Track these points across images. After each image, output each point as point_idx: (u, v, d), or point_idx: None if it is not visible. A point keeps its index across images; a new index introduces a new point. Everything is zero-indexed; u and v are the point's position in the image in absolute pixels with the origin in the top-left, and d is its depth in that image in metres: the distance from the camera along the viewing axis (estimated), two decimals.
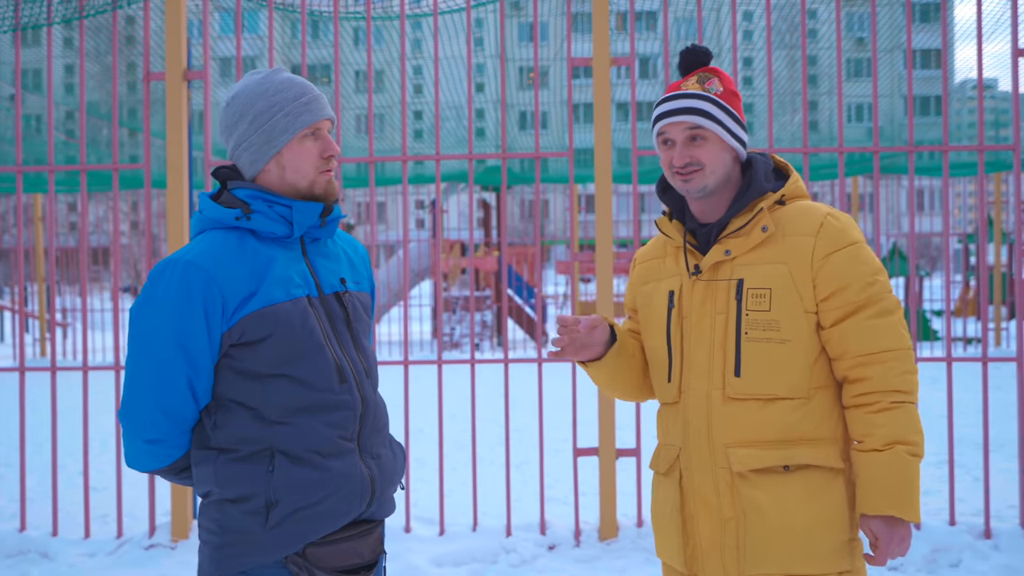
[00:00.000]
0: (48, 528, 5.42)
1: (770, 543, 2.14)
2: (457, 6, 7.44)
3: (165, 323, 2.00)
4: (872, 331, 2.15)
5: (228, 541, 2.03)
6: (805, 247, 2.17)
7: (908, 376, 2.15)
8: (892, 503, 2.10)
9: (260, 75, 2.14)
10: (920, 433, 2.14)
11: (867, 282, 2.16)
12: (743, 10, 13.73)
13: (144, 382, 2.03)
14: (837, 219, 2.20)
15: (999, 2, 8.42)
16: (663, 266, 2.36)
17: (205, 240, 2.07)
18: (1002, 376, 10.42)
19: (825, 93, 17.40)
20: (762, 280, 2.18)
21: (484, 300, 16.88)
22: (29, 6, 5.66)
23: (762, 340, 2.16)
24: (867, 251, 2.20)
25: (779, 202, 2.25)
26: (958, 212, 38.63)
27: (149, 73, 5.25)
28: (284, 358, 2.03)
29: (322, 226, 2.13)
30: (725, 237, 2.23)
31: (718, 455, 2.18)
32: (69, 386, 7.04)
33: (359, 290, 2.22)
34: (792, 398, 2.16)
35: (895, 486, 2.10)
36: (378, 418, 2.16)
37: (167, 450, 2.08)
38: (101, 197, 22.68)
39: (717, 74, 2.28)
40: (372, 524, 2.13)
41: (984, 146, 5.06)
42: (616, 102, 14.84)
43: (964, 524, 5.13)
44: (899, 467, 2.10)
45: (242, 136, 2.10)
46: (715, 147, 2.22)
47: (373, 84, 6.90)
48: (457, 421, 8.77)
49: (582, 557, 4.91)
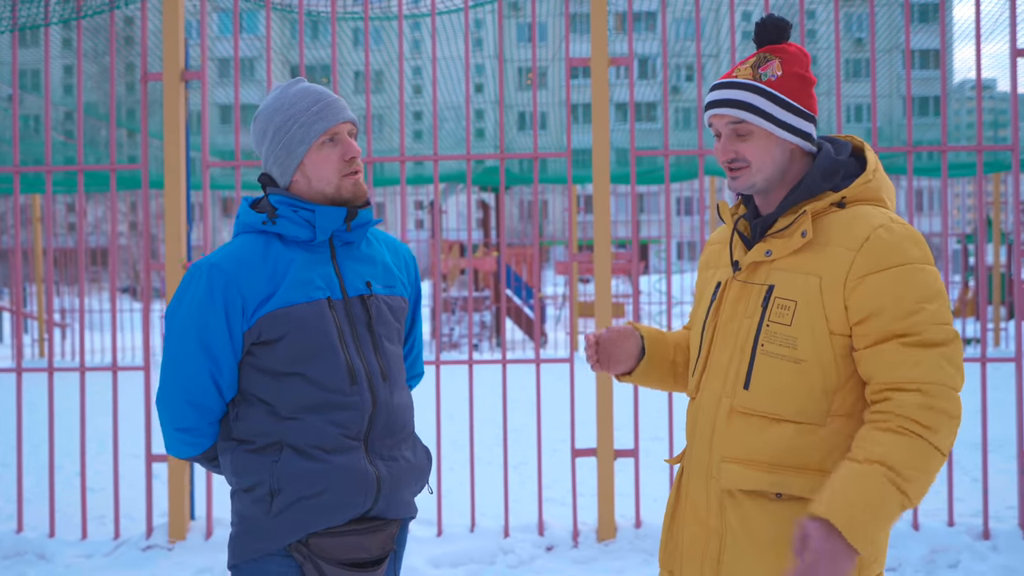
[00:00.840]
0: (45, 529, 5.41)
1: (747, 567, 1.98)
2: (455, 7, 7.44)
3: (190, 323, 2.14)
4: (905, 360, 1.86)
5: (242, 529, 2.17)
6: (843, 262, 1.92)
7: (935, 413, 1.83)
8: (837, 512, 1.79)
9: (278, 89, 2.24)
10: (922, 473, 1.83)
11: (909, 310, 1.87)
12: (742, 10, 13.73)
13: (173, 376, 2.17)
14: (890, 232, 1.92)
15: (998, 2, 8.42)
16: (723, 252, 2.18)
17: (234, 244, 2.21)
18: (1001, 376, 10.42)
19: (823, 94, 17.41)
20: (791, 290, 1.96)
21: (483, 301, 16.87)
22: (27, 6, 5.65)
23: (776, 356, 1.96)
24: (921, 274, 1.90)
25: (839, 204, 2.00)
26: (957, 212, 38.64)
27: (147, 73, 5.24)
28: (298, 357, 2.13)
29: (348, 230, 2.20)
30: (771, 236, 2.03)
31: (714, 465, 2.05)
32: (67, 387, 7.03)
33: (390, 293, 2.28)
34: (800, 422, 1.95)
35: (853, 500, 1.80)
36: (393, 420, 2.22)
37: (197, 439, 2.21)
38: (100, 198, 22.68)
39: (781, 55, 2.04)
40: (381, 522, 2.19)
41: (983, 147, 5.05)
42: (615, 102, 14.84)
43: (963, 525, 5.12)
44: (869, 486, 1.81)
45: (268, 152, 2.21)
46: (762, 142, 2.00)
47: (373, 84, 6.86)
48: (455, 422, 8.76)
49: (580, 558, 4.91)
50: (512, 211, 38.25)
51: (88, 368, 5.25)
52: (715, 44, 21.53)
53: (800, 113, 2.01)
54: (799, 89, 2.02)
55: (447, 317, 16.50)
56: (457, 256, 18.59)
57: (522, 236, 37.16)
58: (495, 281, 16.93)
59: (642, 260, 21.58)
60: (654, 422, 7.52)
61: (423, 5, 10.04)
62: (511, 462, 7.26)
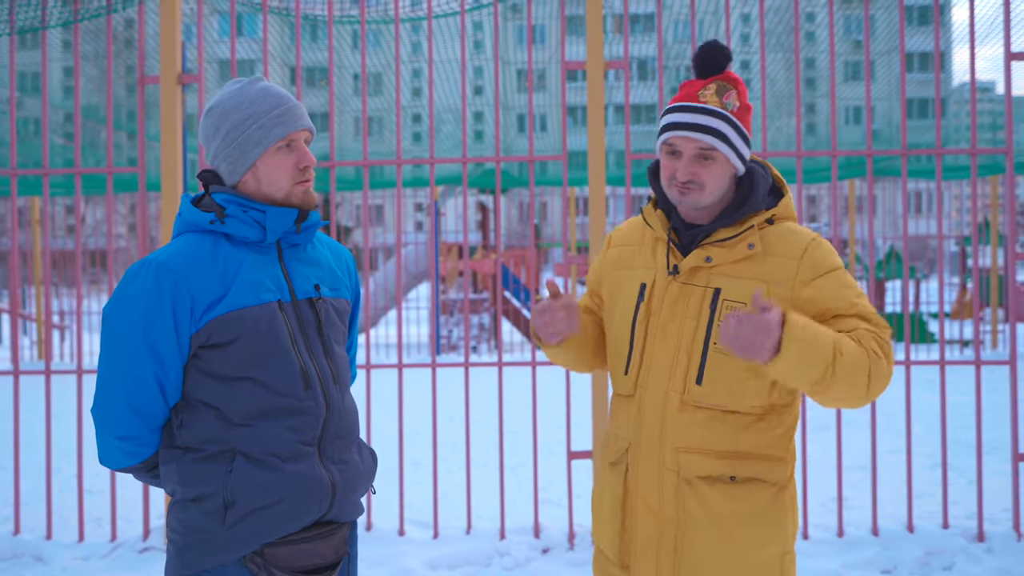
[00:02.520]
0: (42, 531, 5.42)
1: (708, 550, 2.16)
2: (453, 10, 7.45)
3: (135, 322, 2.03)
4: (858, 326, 2.15)
5: (190, 541, 2.07)
6: (788, 269, 2.17)
7: (882, 355, 2.11)
8: (794, 318, 2.01)
9: (237, 85, 2.15)
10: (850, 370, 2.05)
11: (851, 302, 2.17)
12: (740, 13, 13.75)
13: (114, 379, 2.06)
14: (821, 246, 2.21)
15: (995, 5, 8.42)
16: (639, 255, 2.33)
17: (179, 242, 2.11)
18: (996, 379, 10.43)
19: (823, 96, 17.41)
20: (739, 294, 2.17)
21: (481, 303, 16.88)
22: (25, 9, 5.67)
23: (728, 353, 2.11)
24: (848, 276, 2.22)
25: (768, 220, 2.24)
26: (956, 215, 38.64)
27: (144, 76, 5.26)
28: (249, 361, 2.05)
29: (298, 232, 2.15)
30: (709, 244, 2.20)
31: (667, 457, 2.19)
32: (65, 389, 7.04)
33: (336, 296, 2.23)
34: (748, 413, 2.18)
35: (811, 328, 2.02)
36: (344, 424, 2.17)
37: (138, 447, 2.10)
38: (99, 200, 22.69)
39: (736, 85, 2.21)
40: (334, 526, 2.15)
41: (977, 149, 5.07)
42: (613, 105, 14.84)
43: (957, 527, 5.13)
44: (821, 332, 2.03)
45: (219, 148, 2.12)
46: (722, 169, 2.19)
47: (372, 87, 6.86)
48: (452, 424, 8.78)
49: (576, 560, 4.92)
50: (511, 213, 38.27)
51: (86, 371, 5.26)
52: None
53: (746, 141, 2.23)
54: (745, 119, 2.22)
55: (446, 319, 16.51)
56: (455, 258, 18.60)
57: (520, 238, 37.17)
58: (493, 283, 16.94)
59: None
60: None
61: (421, 8, 10.06)
62: (507, 464, 7.27)
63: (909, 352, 5.11)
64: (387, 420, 7.93)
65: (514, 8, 15.20)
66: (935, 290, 25.38)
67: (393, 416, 7.97)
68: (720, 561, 2.16)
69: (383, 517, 5.65)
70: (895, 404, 9.48)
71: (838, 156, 5.44)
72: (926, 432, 8.29)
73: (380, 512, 5.80)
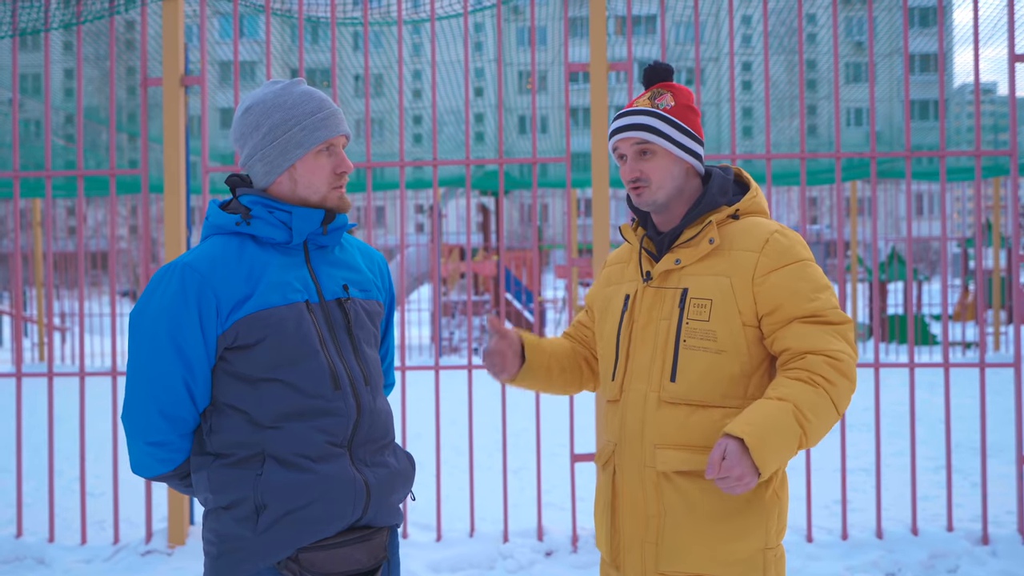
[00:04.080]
0: (44, 534, 5.41)
1: (686, 543, 2.21)
2: (455, 11, 7.44)
3: (161, 326, 2.01)
4: (811, 334, 2.17)
5: (224, 550, 2.04)
6: (748, 262, 2.22)
7: (837, 373, 2.14)
8: (753, 434, 2.04)
9: (279, 85, 2.14)
10: (820, 419, 2.11)
11: (808, 298, 2.20)
12: (742, 14, 13.74)
13: (142, 384, 2.04)
14: (785, 236, 2.25)
15: (998, 6, 8.41)
16: (625, 271, 2.45)
17: (206, 245, 2.10)
18: (1001, 381, 10.42)
19: (825, 97, 17.40)
20: (704, 291, 2.24)
21: (483, 304, 16.87)
22: (27, 11, 5.66)
23: (699, 348, 2.22)
24: (812, 269, 2.24)
25: (734, 216, 2.31)
26: (958, 216, 38.62)
27: (146, 78, 5.25)
28: (277, 362, 2.03)
29: (324, 234, 2.13)
30: (677, 247, 2.30)
31: (647, 454, 2.25)
32: (67, 391, 7.03)
33: (366, 297, 2.20)
34: (724, 407, 2.22)
35: (766, 426, 2.06)
36: (375, 426, 2.14)
37: (169, 453, 2.08)
38: (101, 201, 22.69)
39: (670, 89, 2.34)
40: (371, 530, 2.11)
41: (981, 151, 5.06)
42: (615, 106, 14.84)
43: (962, 530, 5.12)
44: (780, 418, 2.07)
45: (257, 146, 2.10)
46: (663, 161, 2.29)
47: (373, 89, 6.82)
48: (455, 426, 8.76)
49: (579, 563, 4.90)
50: (512, 215, 38.26)
51: (88, 373, 5.25)
52: (715, 48, 21.53)
53: (692, 137, 2.31)
54: (688, 117, 2.32)
55: (447, 321, 16.50)
56: (457, 260, 18.59)
57: (522, 240, 37.16)
58: (495, 285, 16.93)
59: None
60: None
61: (423, 10, 10.05)
62: (510, 467, 7.26)
63: (913, 355, 5.10)
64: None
65: (516, 10, 15.20)
66: (937, 292, 25.36)
67: (396, 419, 7.96)
68: (699, 552, 2.19)
69: None
70: (899, 406, 9.47)
71: (841, 158, 5.43)
72: (929, 434, 8.27)
73: None
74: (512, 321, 17.43)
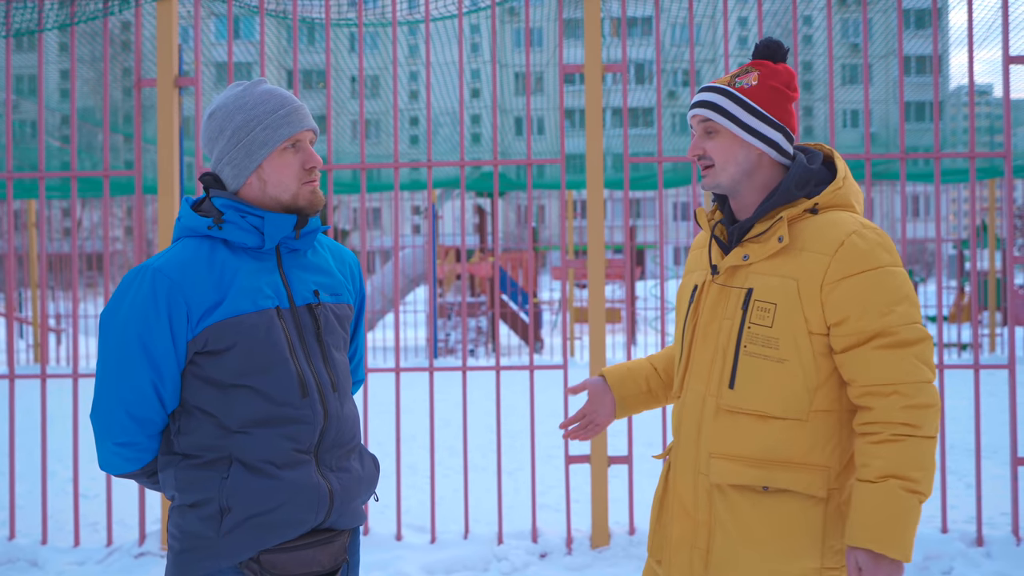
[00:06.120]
0: (37, 536, 5.40)
1: (735, 555, 2.12)
2: (451, 12, 7.44)
3: (131, 329, 2.02)
4: (879, 362, 2.00)
5: (187, 546, 2.06)
6: (819, 266, 2.04)
7: (916, 411, 1.99)
8: (875, 537, 1.97)
9: (240, 87, 2.13)
10: (924, 469, 1.99)
11: (881, 311, 2.00)
12: (738, 16, 13.75)
13: (111, 386, 2.05)
14: (863, 239, 2.04)
15: (994, 8, 8.43)
16: (701, 257, 2.29)
17: (177, 248, 2.09)
18: (995, 383, 10.43)
19: (820, 99, 17.41)
20: (770, 293, 2.07)
21: (479, 306, 16.87)
22: (21, 11, 5.65)
23: (759, 356, 2.07)
24: (891, 278, 2.03)
25: (812, 210, 2.11)
26: (953, 218, 38.70)
27: (140, 80, 5.24)
28: (247, 369, 2.04)
29: (297, 238, 2.12)
30: (748, 240, 2.14)
31: (702, 462, 2.16)
32: (61, 393, 7.02)
33: (337, 302, 2.20)
34: (785, 418, 2.07)
35: (882, 521, 1.97)
36: (342, 432, 2.15)
37: (136, 453, 2.10)
38: (96, 202, 22.67)
39: (762, 68, 2.17)
40: (332, 533, 2.13)
41: (975, 153, 5.07)
42: (611, 108, 14.85)
43: (956, 531, 5.12)
44: (890, 502, 1.97)
45: (223, 151, 2.10)
46: (726, 142, 2.13)
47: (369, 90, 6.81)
48: (450, 428, 8.76)
49: (574, 565, 4.90)
50: (508, 216, 38.28)
51: (82, 374, 5.24)
52: (711, 49, 21.55)
53: (769, 121, 2.13)
54: (771, 100, 2.14)
55: (443, 323, 16.49)
56: (453, 261, 18.59)
57: (518, 241, 37.17)
58: (491, 286, 16.93)
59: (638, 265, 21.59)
60: (648, 428, 7.51)
61: (418, 11, 10.05)
62: (505, 468, 7.25)
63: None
64: (384, 424, 7.90)
65: (512, 11, 15.21)
66: (933, 294, 25.38)
67: (390, 420, 7.95)
68: (747, 567, 2.11)
69: (380, 522, 5.63)
70: None
71: None
72: None
73: (377, 517, 5.78)
74: (508, 323, 17.43)
